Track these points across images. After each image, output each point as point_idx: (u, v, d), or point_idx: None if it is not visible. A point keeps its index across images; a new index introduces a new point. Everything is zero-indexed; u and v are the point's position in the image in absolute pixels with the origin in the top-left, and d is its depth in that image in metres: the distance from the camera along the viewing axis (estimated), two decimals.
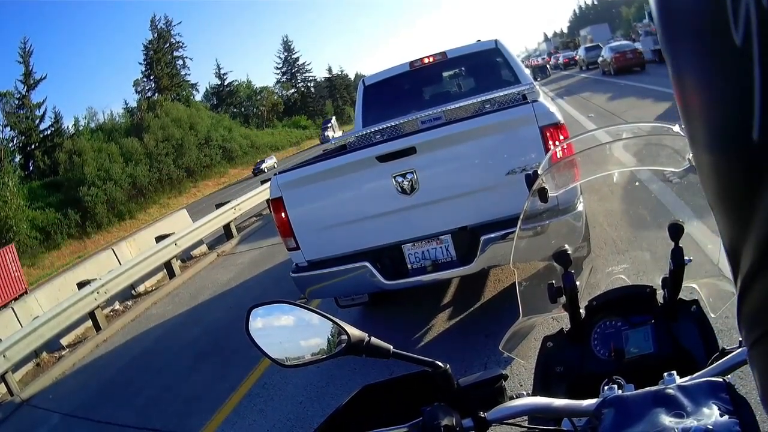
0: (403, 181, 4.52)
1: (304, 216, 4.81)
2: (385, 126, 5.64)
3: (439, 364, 1.10)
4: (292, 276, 5.00)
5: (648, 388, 1.04)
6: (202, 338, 7.58)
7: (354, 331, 1.07)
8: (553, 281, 1.50)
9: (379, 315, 6.16)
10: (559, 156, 1.97)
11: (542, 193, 1.68)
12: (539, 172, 1.71)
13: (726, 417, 0.92)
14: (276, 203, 4.81)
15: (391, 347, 1.09)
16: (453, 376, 1.12)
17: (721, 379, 1.01)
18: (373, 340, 1.08)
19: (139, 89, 51.59)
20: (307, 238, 4.85)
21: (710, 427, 0.89)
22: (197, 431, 5.10)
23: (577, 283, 1.47)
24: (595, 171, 1.85)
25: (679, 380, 1.07)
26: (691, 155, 1.54)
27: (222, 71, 54.31)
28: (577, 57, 48.31)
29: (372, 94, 7.26)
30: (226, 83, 53.64)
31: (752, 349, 0.47)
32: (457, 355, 4.67)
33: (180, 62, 53.06)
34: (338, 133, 26.82)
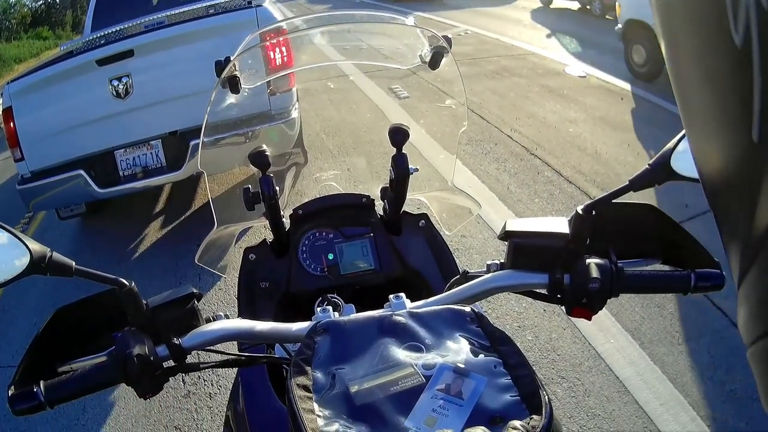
0: (118, 85, 4.44)
1: (30, 125, 4.57)
2: (110, 31, 5.27)
3: (123, 281, 0.94)
4: (18, 188, 4.73)
5: (370, 313, 0.88)
6: None
7: (36, 246, 0.89)
8: (250, 186, 1.34)
9: (93, 227, 5.81)
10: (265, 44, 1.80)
11: (232, 82, 1.49)
12: (231, 57, 1.51)
13: (483, 354, 0.77)
14: (6, 113, 4.57)
15: (74, 263, 0.92)
16: (140, 295, 0.97)
17: (468, 308, 0.86)
18: (55, 255, 0.91)
19: None
20: (31, 147, 4.62)
21: (462, 365, 0.74)
22: None
23: (278, 188, 1.31)
24: (309, 63, 1.70)
25: (410, 305, 0.93)
26: (423, 52, 1.47)
27: None
28: None
29: (103, 1, 6.79)
30: None
31: (752, 347, 0.45)
32: (170, 266, 4.55)
33: None
34: None
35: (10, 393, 0.89)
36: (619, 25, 8.01)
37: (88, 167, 4.58)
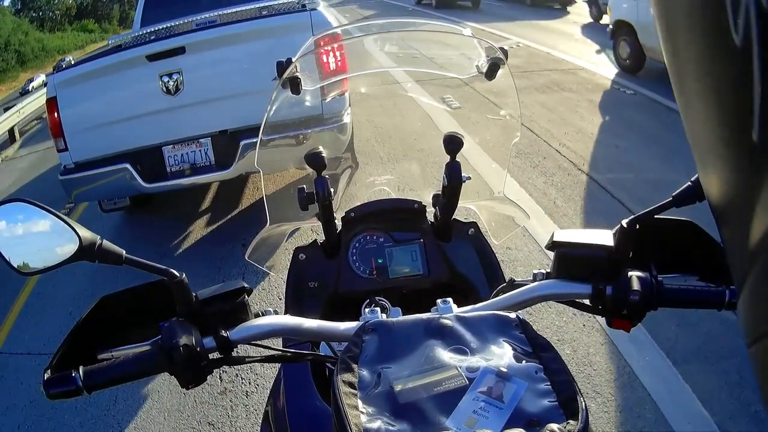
0: (168, 81, 4.43)
1: (74, 116, 4.56)
2: (160, 27, 5.31)
3: (174, 272, 0.96)
4: (60, 179, 4.73)
5: (419, 315, 0.89)
6: None
7: (86, 233, 0.91)
8: (305, 186, 1.35)
9: (139, 220, 5.89)
10: (322, 46, 1.82)
11: (294, 83, 1.51)
12: (293, 59, 1.52)
13: (524, 360, 0.78)
14: (50, 103, 4.56)
15: (124, 252, 0.94)
16: (190, 287, 0.99)
17: (513, 315, 0.88)
18: (105, 243, 0.93)
19: None
20: (75, 138, 4.62)
21: (504, 369, 0.75)
22: None
23: (332, 190, 1.33)
24: (362, 69, 1.73)
25: (456, 309, 0.94)
26: (479, 62, 1.48)
27: None
28: None
29: None
30: None
31: (752, 348, 0.45)
32: (214, 264, 4.59)
33: None
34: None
35: (45, 376, 0.89)
36: (610, 26, 9.14)
37: (135, 161, 4.59)
